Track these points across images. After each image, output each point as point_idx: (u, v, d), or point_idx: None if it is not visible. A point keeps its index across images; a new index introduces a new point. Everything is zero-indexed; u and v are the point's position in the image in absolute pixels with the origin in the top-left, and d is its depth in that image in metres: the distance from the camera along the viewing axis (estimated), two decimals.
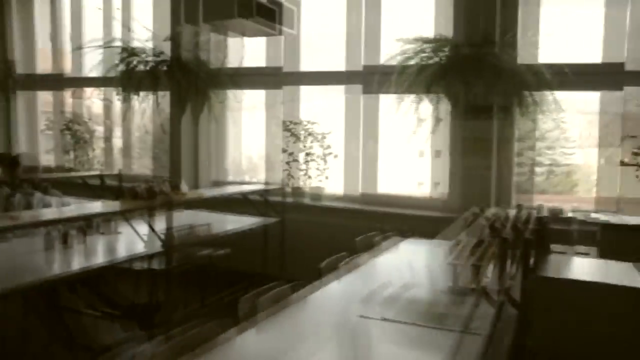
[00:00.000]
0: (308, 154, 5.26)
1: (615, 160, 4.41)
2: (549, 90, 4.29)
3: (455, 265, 1.99)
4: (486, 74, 4.26)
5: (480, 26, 4.44)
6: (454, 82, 4.32)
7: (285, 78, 5.50)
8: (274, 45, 5.47)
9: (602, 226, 3.76)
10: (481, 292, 1.81)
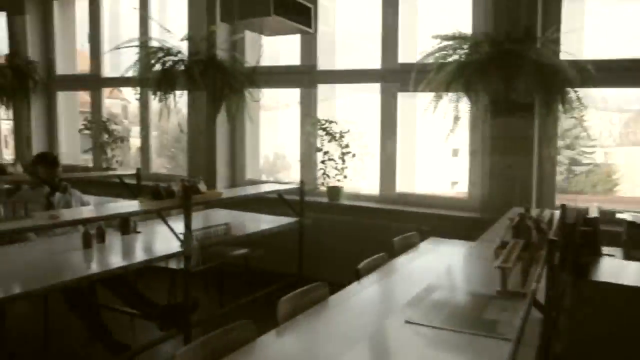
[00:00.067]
0: (343, 153, 5.20)
1: None
2: (593, 87, 4.13)
3: (503, 269, 1.90)
4: (527, 71, 4.12)
5: (521, 21, 4.31)
6: (493, 79, 4.20)
7: (319, 76, 5.45)
8: (308, 43, 5.43)
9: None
10: (530, 298, 1.72)
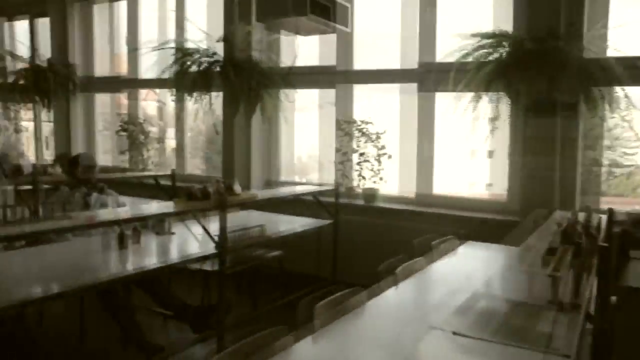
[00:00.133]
0: (362, 154, 5.16)
1: None
2: (619, 86, 4.04)
3: (555, 278, 1.83)
4: (550, 70, 4.05)
5: (543, 19, 4.23)
6: (515, 79, 4.13)
7: (338, 77, 5.41)
8: (327, 43, 5.39)
9: None
10: (585, 310, 1.65)
